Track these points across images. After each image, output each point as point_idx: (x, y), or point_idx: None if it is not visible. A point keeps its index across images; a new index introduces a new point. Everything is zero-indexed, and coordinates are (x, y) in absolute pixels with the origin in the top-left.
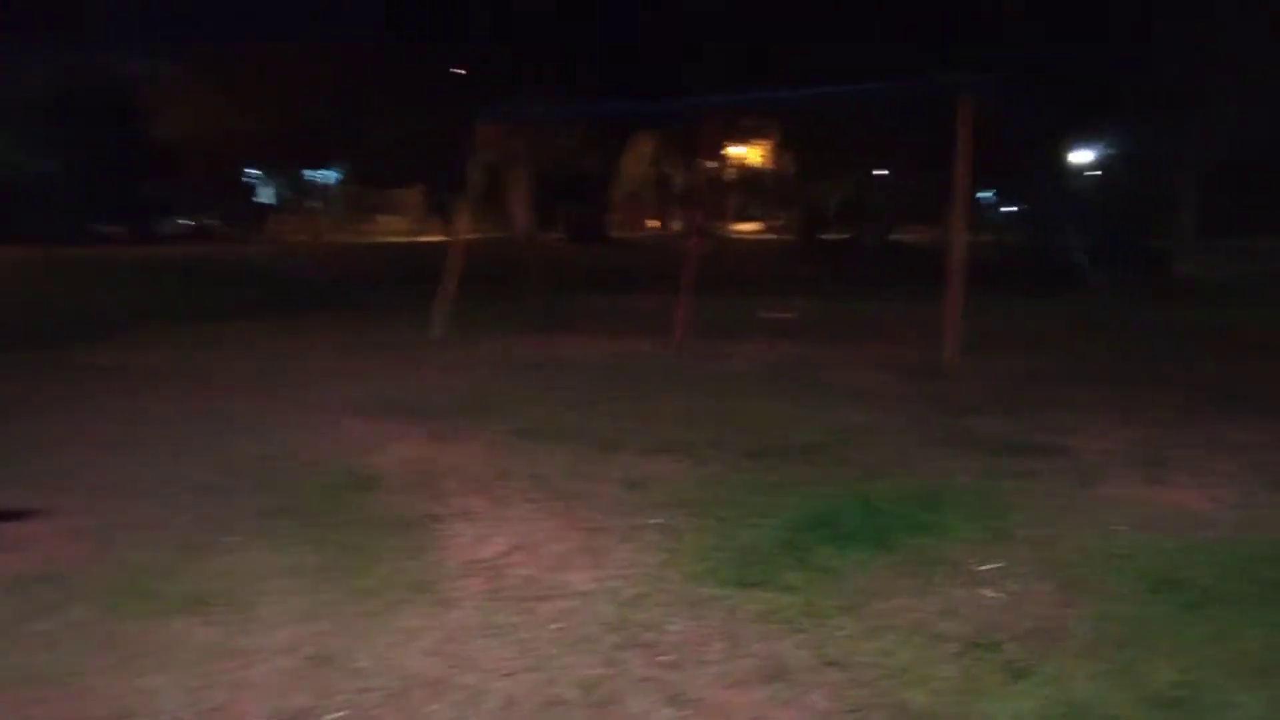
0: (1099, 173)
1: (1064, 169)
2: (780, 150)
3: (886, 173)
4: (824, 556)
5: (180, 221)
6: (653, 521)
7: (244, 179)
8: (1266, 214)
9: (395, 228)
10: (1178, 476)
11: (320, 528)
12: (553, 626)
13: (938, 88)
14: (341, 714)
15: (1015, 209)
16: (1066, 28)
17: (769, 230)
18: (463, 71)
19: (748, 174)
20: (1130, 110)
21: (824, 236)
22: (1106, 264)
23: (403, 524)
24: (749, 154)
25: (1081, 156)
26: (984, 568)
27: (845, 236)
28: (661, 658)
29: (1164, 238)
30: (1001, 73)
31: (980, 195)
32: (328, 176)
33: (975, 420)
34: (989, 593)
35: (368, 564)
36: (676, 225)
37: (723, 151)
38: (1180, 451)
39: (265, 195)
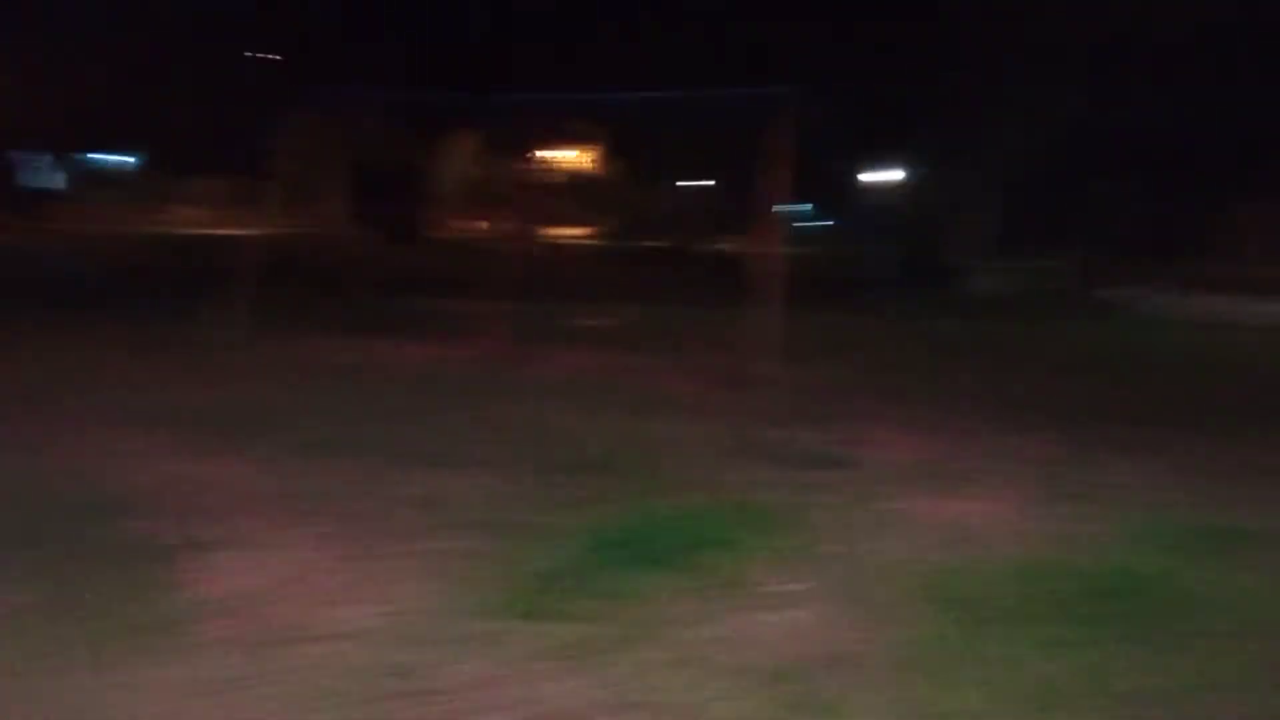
0: (905, 190)
1: (872, 186)
2: (607, 155)
3: (711, 182)
4: (624, 581)
5: None
6: (443, 546)
7: (22, 161)
8: (1058, 231)
9: (195, 218)
10: (968, 489)
11: (51, 561)
12: (313, 675)
13: (752, 99)
14: None
15: (830, 223)
16: (877, 48)
17: (594, 236)
18: (276, 57)
19: (573, 178)
20: (931, 131)
21: (647, 243)
22: (909, 278)
23: (152, 555)
24: (575, 157)
25: (890, 174)
26: (783, 589)
27: (668, 244)
28: (435, 707)
29: (962, 254)
30: (815, 87)
31: (796, 208)
32: (124, 162)
33: (780, 431)
34: (788, 616)
35: (101, 604)
36: (500, 227)
37: (547, 153)
38: (971, 463)
39: (50, 180)
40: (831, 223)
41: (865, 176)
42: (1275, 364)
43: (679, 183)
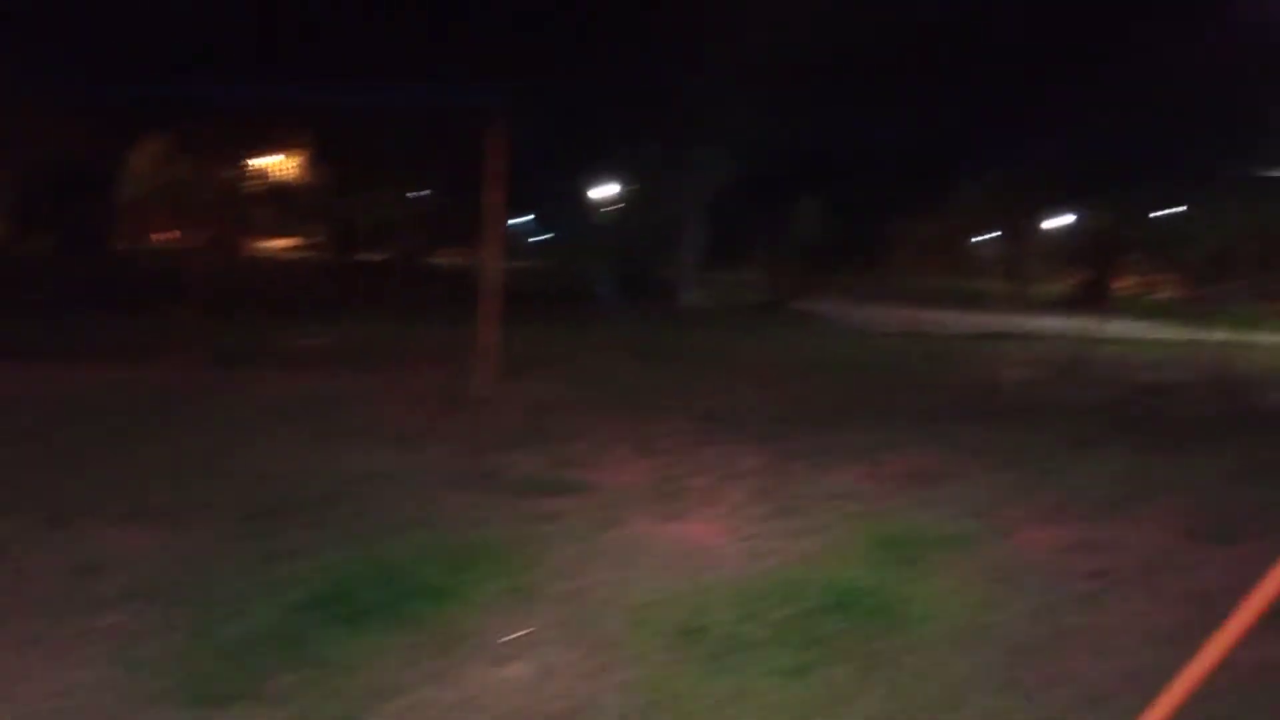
0: (620, 206)
1: (590, 200)
2: (315, 161)
3: (427, 192)
4: (328, 645)
5: None
6: (110, 621)
7: None
8: (758, 246)
9: None
10: (693, 509)
11: None
12: None
13: (465, 107)
14: None
15: (551, 236)
16: (588, 64)
17: (304, 248)
18: None
19: (279, 184)
20: (643, 149)
21: (361, 256)
22: (625, 292)
23: None
24: (281, 163)
25: (607, 190)
26: (509, 638)
27: (383, 257)
28: None
29: (673, 268)
30: (529, 98)
31: (518, 221)
32: None
33: (505, 457)
34: (514, 670)
35: None
36: (196, 236)
37: (250, 158)
38: (695, 481)
39: None
40: (553, 236)
41: (585, 190)
42: (952, 367)
43: (395, 192)
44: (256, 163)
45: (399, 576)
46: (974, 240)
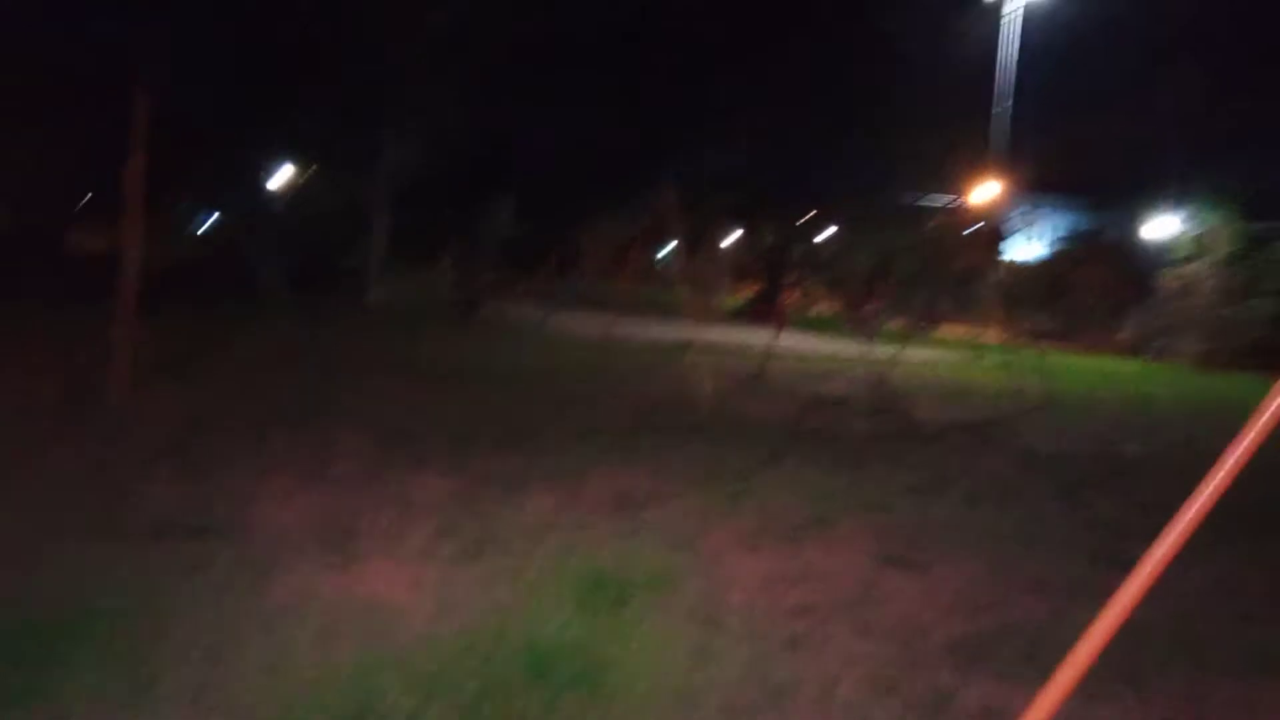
0: (297, 189)
1: (261, 182)
2: None
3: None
4: None
5: None
6: None
7: None
8: (446, 244)
9: None
10: (370, 554)
11: None
12: None
13: (109, 54)
14: None
15: (214, 218)
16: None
17: None
18: None
19: None
20: (323, 129)
21: None
22: (300, 285)
23: None
24: None
25: (281, 172)
26: None
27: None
28: None
29: (356, 260)
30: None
31: (176, 200)
32: None
33: (138, 486)
34: None
35: None
36: None
37: None
38: (372, 517)
39: None
40: (220, 218)
41: (259, 170)
42: (645, 379)
43: (22, 151)
44: None
45: None
46: (660, 250)
